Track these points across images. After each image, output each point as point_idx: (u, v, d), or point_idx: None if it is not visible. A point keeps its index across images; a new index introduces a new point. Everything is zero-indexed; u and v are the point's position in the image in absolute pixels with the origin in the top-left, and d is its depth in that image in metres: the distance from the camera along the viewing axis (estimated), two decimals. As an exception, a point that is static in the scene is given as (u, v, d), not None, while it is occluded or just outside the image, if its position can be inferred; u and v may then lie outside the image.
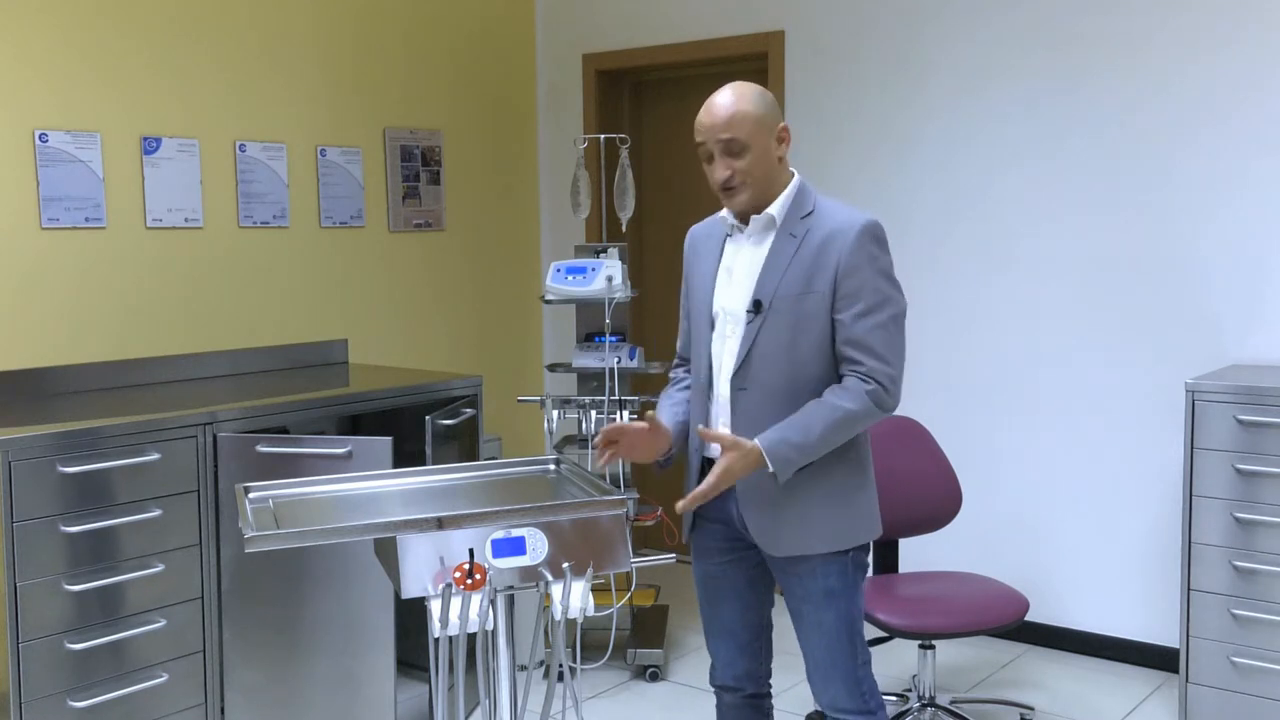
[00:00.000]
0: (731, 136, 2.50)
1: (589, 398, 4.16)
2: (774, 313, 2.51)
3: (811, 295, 2.49)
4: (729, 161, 2.52)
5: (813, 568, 2.57)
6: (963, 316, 4.55)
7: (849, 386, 2.48)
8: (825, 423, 2.46)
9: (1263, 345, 3.98)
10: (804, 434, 2.46)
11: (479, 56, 5.32)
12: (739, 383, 2.55)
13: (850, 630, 2.61)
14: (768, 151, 2.53)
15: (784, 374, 2.52)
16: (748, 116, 2.50)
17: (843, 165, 4.78)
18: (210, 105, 4.29)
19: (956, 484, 3.83)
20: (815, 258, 2.50)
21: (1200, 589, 3.67)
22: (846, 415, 2.46)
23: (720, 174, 2.53)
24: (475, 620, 2.25)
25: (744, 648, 2.74)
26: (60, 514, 3.12)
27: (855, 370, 2.48)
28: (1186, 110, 4.05)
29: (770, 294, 2.52)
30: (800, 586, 2.60)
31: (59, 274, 3.89)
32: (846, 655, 2.61)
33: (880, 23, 4.64)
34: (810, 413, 2.48)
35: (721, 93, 2.54)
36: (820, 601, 2.58)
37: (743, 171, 2.51)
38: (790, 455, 2.46)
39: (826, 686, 2.63)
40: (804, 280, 2.50)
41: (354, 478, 2.63)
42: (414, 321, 5.09)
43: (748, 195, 2.54)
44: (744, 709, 2.80)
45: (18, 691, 3.05)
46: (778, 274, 2.52)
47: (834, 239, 2.50)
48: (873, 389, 2.47)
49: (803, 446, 2.46)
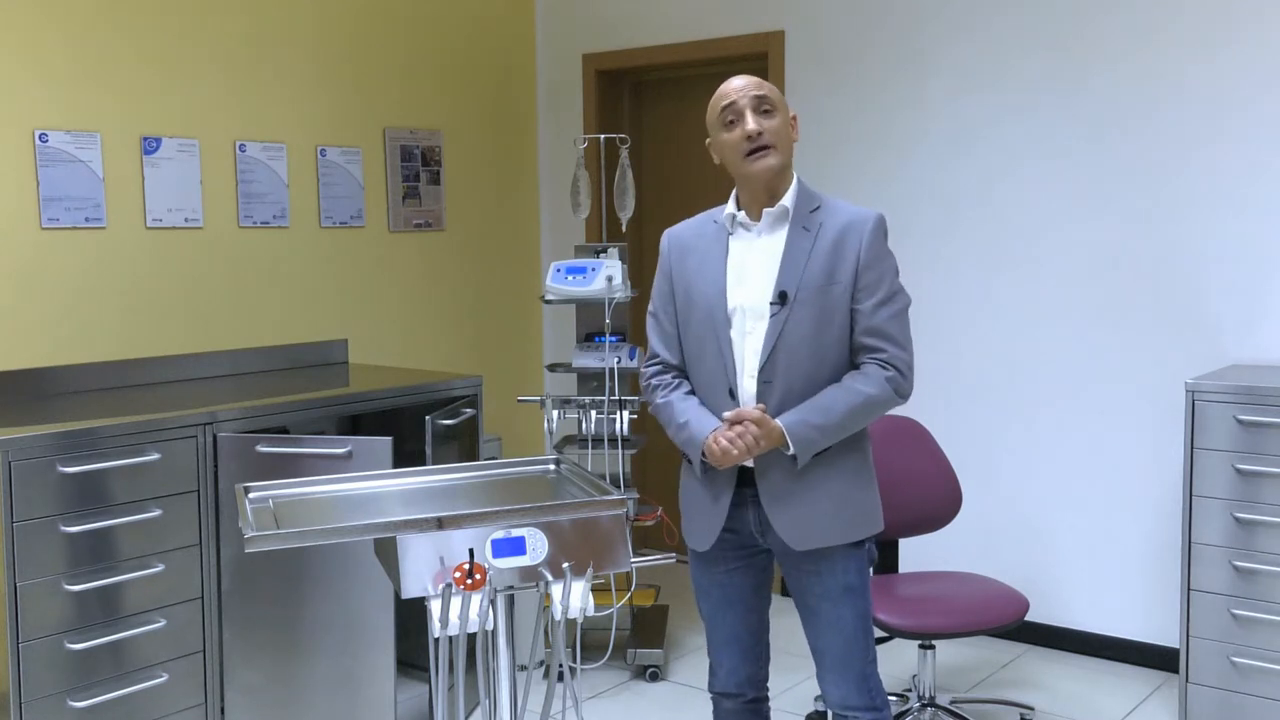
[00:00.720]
0: (764, 94, 2.55)
1: (589, 398, 4.16)
2: (799, 304, 2.52)
3: (835, 286, 2.52)
4: (760, 119, 2.54)
5: (833, 563, 2.58)
6: (963, 316, 4.55)
7: (869, 373, 2.52)
8: (846, 406, 2.50)
9: (1263, 345, 3.98)
10: (825, 416, 2.49)
11: (479, 56, 5.32)
12: (765, 376, 2.54)
13: (865, 627, 2.64)
14: (788, 128, 2.58)
15: (808, 365, 2.53)
16: (775, 90, 2.58)
17: (843, 165, 4.77)
18: (210, 105, 4.29)
19: (956, 484, 3.83)
20: (834, 249, 2.53)
21: (1200, 589, 3.67)
22: (868, 400, 2.50)
23: (752, 126, 2.52)
24: (475, 620, 2.25)
25: (747, 653, 2.75)
26: (60, 514, 3.12)
27: (875, 358, 2.53)
28: (1188, 110, 4.05)
29: (795, 285, 2.52)
30: (819, 583, 2.60)
31: (59, 274, 3.89)
32: (861, 652, 2.63)
33: (880, 23, 4.64)
34: (831, 396, 2.51)
35: (736, 76, 2.60)
36: (839, 598, 2.60)
37: (773, 131, 2.54)
38: (811, 436, 2.49)
39: (837, 683, 2.64)
40: (826, 272, 2.52)
41: (354, 478, 2.63)
42: (414, 321, 5.09)
43: (775, 160, 2.54)
44: (743, 714, 2.80)
45: (18, 691, 3.06)
46: (799, 266, 2.53)
47: (851, 231, 2.53)
48: (892, 375, 2.52)
49: (824, 428, 2.49)
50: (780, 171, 2.56)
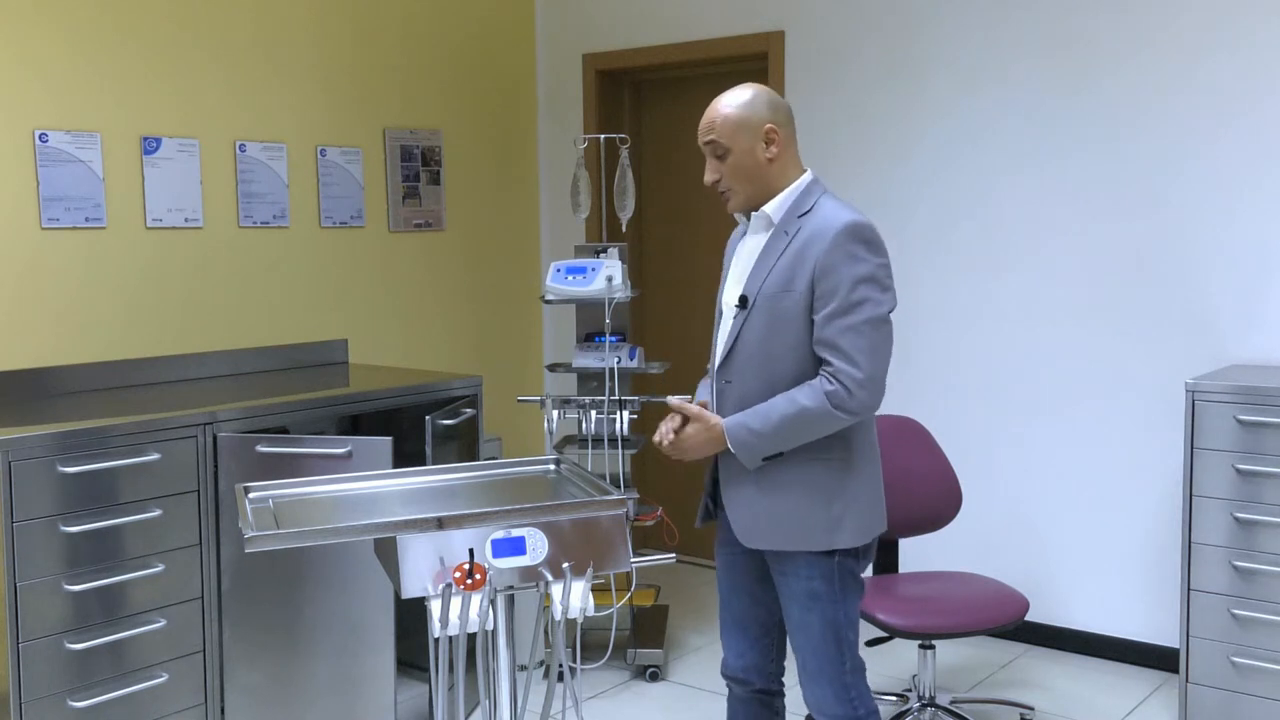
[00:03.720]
0: (713, 139, 2.58)
1: (589, 398, 4.16)
2: (756, 309, 2.57)
3: (790, 294, 2.52)
4: (716, 164, 2.61)
5: (796, 567, 2.59)
6: (963, 316, 4.55)
7: (812, 384, 2.50)
8: (781, 414, 2.50)
9: (1263, 345, 3.98)
10: (762, 421, 2.52)
11: (479, 56, 5.32)
12: (724, 375, 2.63)
13: (837, 636, 2.60)
14: (751, 153, 2.56)
15: (760, 370, 2.57)
16: (728, 120, 2.56)
17: (842, 166, 4.77)
18: (210, 105, 4.29)
19: (956, 484, 3.83)
20: (797, 257, 2.53)
21: (1200, 589, 3.67)
22: (801, 411, 2.48)
23: (709, 177, 2.62)
24: (475, 620, 2.26)
25: (753, 641, 2.76)
26: (60, 514, 3.12)
27: (824, 370, 2.51)
28: (1187, 111, 4.05)
29: (755, 290, 2.57)
30: (785, 585, 2.63)
31: (59, 274, 3.89)
32: (833, 661, 2.61)
33: (880, 23, 4.64)
34: (772, 403, 2.53)
35: (720, 96, 2.61)
36: (804, 602, 2.60)
37: (728, 175, 2.59)
38: (747, 439, 2.53)
39: (813, 689, 2.64)
40: (785, 279, 2.54)
41: (354, 478, 2.63)
42: (414, 321, 5.09)
43: (737, 199, 2.62)
44: (752, 704, 2.80)
45: (18, 691, 3.06)
46: (764, 271, 2.58)
47: (815, 239, 2.52)
48: (833, 390, 2.47)
49: (760, 433, 2.52)
50: (751, 199, 2.61)
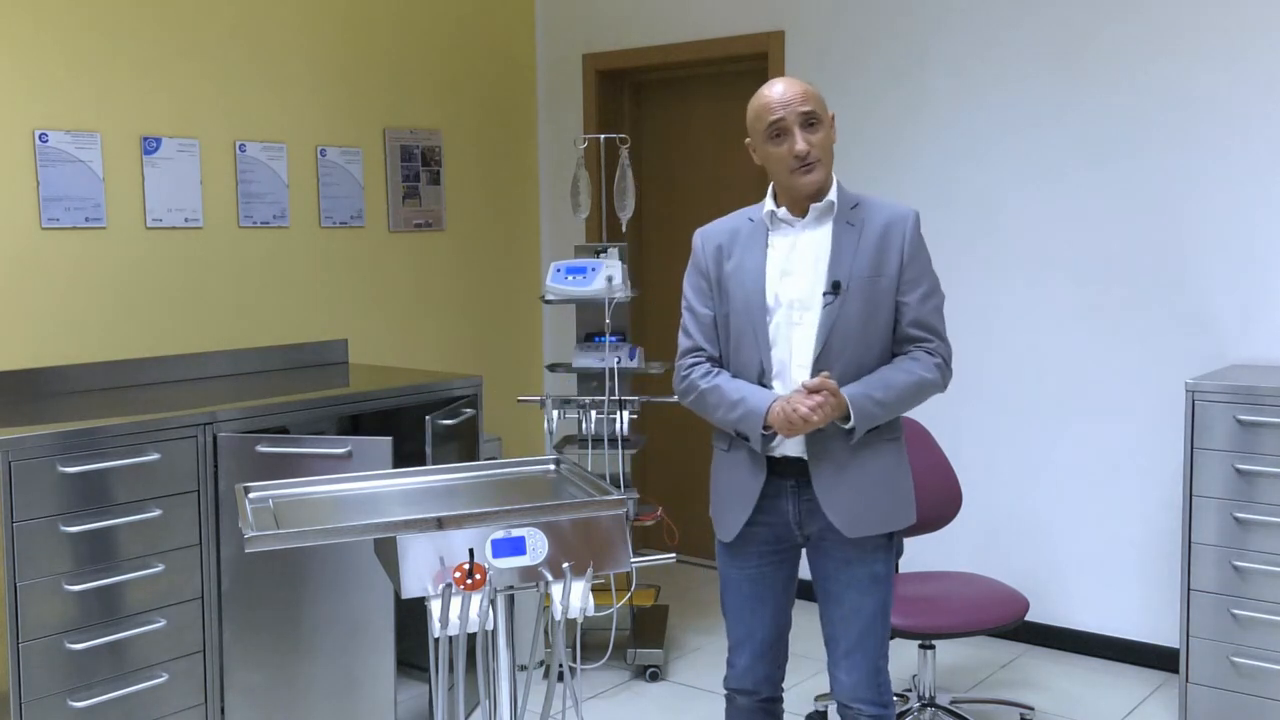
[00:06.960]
0: (811, 109, 2.58)
1: (589, 398, 4.16)
2: (851, 294, 2.57)
3: (882, 279, 2.59)
4: (808, 136, 2.57)
5: (866, 551, 2.62)
6: (962, 317, 4.55)
7: (920, 358, 2.60)
8: (904, 385, 2.57)
9: (1262, 345, 3.98)
10: (885, 391, 2.55)
11: (479, 56, 5.32)
12: (821, 364, 2.57)
13: (885, 619, 2.67)
14: (831, 134, 2.63)
15: (858, 353, 2.58)
16: (817, 96, 2.61)
17: (842, 166, 4.76)
18: (210, 105, 4.29)
19: (956, 484, 3.83)
20: (879, 243, 2.60)
21: (1200, 589, 3.67)
22: (922, 382, 2.59)
23: (801, 146, 2.56)
24: (475, 620, 2.26)
25: (766, 652, 2.75)
26: (60, 514, 3.12)
27: (923, 346, 2.61)
28: (1188, 112, 4.05)
29: (847, 276, 2.57)
30: (847, 572, 2.63)
31: (59, 274, 3.89)
32: (878, 644, 2.66)
33: (880, 23, 4.64)
34: (889, 374, 2.58)
35: (782, 79, 2.62)
36: (865, 586, 2.63)
37: (819, 146, 2.58)
38: (872, 410, 2.54)
39: (851, 673, 2.65)
40: (874, 265, 2.59)
41: (354, 478, 2.63)
42: (414, 321, 5.09)
43: (822, 172, 2.60)
44: (756, 713, 2.81)
45: (18, 691, 3.06)
46: (849, 258, 2.59)
47: (894, 226, 2.61)
48: (940, 363, 2.61)
49: (884, 404, 2.55)
50: (826, 179, 2.62)
